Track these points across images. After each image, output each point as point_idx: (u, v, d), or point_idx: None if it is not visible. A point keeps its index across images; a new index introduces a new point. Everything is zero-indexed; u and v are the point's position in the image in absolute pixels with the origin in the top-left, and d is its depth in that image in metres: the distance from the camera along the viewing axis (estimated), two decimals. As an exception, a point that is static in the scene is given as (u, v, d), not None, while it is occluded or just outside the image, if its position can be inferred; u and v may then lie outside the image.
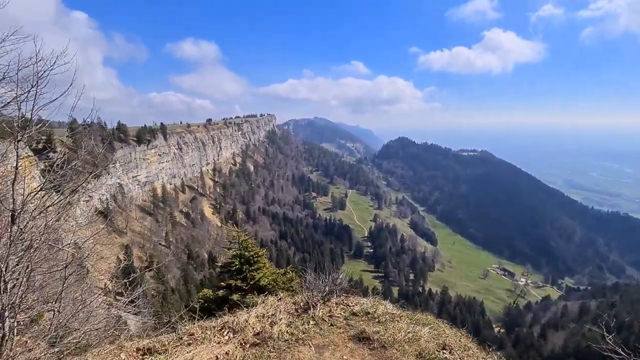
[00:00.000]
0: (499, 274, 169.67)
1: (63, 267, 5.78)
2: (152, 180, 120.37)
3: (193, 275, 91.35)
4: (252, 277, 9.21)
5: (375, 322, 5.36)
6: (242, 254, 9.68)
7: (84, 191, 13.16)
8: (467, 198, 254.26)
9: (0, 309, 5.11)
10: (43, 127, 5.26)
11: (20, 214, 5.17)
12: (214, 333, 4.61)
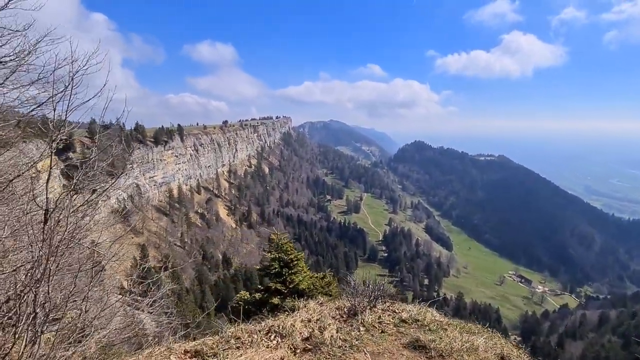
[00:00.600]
0: (516, 280, 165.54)
1: (90, 266, 5.79)
2: (168, 181, 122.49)
3: (207, 276, 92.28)
4: (292, 280, 9.13)
5: (426, 329, 5.17)
6: (281, 257, 9.62)
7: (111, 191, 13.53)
8: (483, 203, 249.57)
9: (33, 307, 5.16)
10: (76, 128, 5.29)
11: (53, 213, 5.22)
12: (261, 337, 4.51)
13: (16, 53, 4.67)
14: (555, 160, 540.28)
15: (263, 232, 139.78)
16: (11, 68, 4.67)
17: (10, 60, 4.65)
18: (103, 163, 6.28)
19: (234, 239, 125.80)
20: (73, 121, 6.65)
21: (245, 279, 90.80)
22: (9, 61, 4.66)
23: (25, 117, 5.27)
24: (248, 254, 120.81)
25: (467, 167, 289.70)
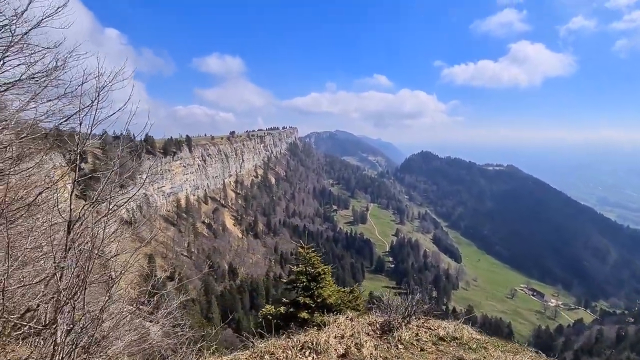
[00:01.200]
0: (528, 294, 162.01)
1: (105, 277, 5.86)
2: (176, 191, 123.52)
3: (213, 286, 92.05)
4: (319, 294, 9.06)
5: (466, 348, 5.04)
6: (308, 270, 9.57)
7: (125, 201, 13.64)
8: (492, 214, 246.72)
9: (53, 318, 5.21)
10: (100, 140, 5.42)
11: (75, 224, 5.32)
12: (295, 353, 4.44)
13: (47, 70, 4.84)
14: (564, 170, 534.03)
15: (269, 242, 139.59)
16: (42, 84, 4.85)
17: (41, 77, 4.83)
18: (125, 175, 6.40)
19: (240, 249, 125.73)
20: (95, 134, 6.83)
21: (251, 289, 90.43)
22: (41, 77, 4.84)
23: (51, 131, 5.42)
24: (254, 265, 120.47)
25: (475, 177, 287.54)
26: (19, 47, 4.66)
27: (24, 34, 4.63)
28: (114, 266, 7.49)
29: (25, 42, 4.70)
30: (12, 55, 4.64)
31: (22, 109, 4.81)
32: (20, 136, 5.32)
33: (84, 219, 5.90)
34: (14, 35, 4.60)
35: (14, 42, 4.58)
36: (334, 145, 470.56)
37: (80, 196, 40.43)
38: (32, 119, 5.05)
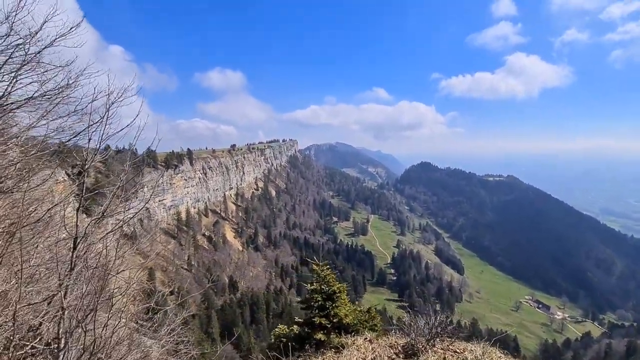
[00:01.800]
0: (532, 306, 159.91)
1: (110, 295, 5.79)
2: (177, 204, 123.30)
3: (214, 300, 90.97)
4: (335, 314, 8.80)
5: None
6: (323, 288, 9.35)
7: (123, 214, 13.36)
8: (493, 224, 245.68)
9: (58, 335, 5.13)
10: (106, 156, 5.44)
11: (80, 241, 5.29)
12: None
13: (59, 88, 4.90)
14: (565, 180, 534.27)
15: (270, 254, 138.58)
16: (53, 101, 4.89)
17: (53, 94, 4.89)
18: (130, 191, 6.40)
19: (240, 262, 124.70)
20: (102, 149, 6.85)
21: (251, 303, 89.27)
22: (53, 95, 4.89)
23: (58, 147, 5.44)
24: (254, 278, 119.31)
25: (475, 188, 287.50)
26: (32, 65, 4.73)
27: (37, 52, 4.71)
28: (117, 282, 7.41)
29: (38, 61, 4.77)
30: (25, 74, 4.71)
31: (32, 126, 4.86)
32: (29, 153, 5.34)
33: (89, 235, 5.89)
34: (28, 54, 4.67)
35: (27, 60, 4.65)
36: (333, 157, 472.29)
37: (83, 211, 40.22)
38: (43, 135, 5.09)
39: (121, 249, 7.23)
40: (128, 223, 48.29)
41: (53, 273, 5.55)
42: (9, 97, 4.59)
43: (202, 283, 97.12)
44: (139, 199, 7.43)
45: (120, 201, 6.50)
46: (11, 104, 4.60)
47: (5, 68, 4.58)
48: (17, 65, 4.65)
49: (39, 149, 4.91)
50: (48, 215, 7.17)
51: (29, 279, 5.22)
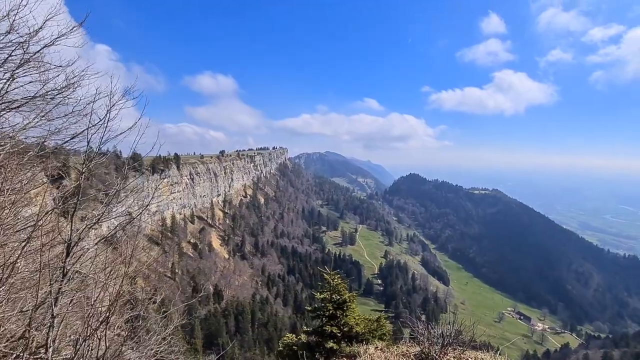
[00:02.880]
0: (514, 317, 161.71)
1: (108, 302, 5.58)
2: (162, 210, 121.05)
3: (197, 309, 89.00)
4: (346, 323, 8.67)
5: None
6: (333, 297, 9.23)
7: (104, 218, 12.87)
8: (479, 237, 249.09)
9: (46, 344, 4.91)
10: (104, 158, 5.31)
11: (75, 246, 5.10)
12: None
13: (59, 88, 4.78)
14: (547, 195, 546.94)
15: (256, 263, 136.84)
16: (52, 102, 4.76)
17: (53, 95, 4.76)
18: (126, 194, 6.24)
19: (226, 270, 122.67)
20: (83, 149, 6.68)
21: (236, 313, 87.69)
22: (52, 95, 4.76)
23: (57, 149, 5.29)
24: (240, 287, 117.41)
25: (461, 200, 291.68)
26: (33, 64, 4.61)
27: (38, 51, 4.59)
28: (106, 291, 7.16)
29: (39, 60, 4.65)
30: (23, 73, 4.57)
31: (29, 126, 4.70)
32: (22, 154, 5.17)
33: (82, 241, 5.69)
34: (27, 53, 4.55)
35: (27, 59, 4.53)
36: (323, 166, 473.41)
37: (64, 215, 39.12)
38: (40, 136, 4.94)
39: (105, 255, 7.01)
40: (106, 226, 46.67)
41: (43, 279, 5.31)
42: (6, 96, 4.45)
43: (186, 291, 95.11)
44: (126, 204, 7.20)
45: (112, 206, 6.33)
46: (9, 103, 4.47)
47: (4, 66, 4.46)
48: (16, 63, 4.52)
49: (36, 150, 4.74)
50: (36, 220, 6.94)
51: (17, 286, 4.99)
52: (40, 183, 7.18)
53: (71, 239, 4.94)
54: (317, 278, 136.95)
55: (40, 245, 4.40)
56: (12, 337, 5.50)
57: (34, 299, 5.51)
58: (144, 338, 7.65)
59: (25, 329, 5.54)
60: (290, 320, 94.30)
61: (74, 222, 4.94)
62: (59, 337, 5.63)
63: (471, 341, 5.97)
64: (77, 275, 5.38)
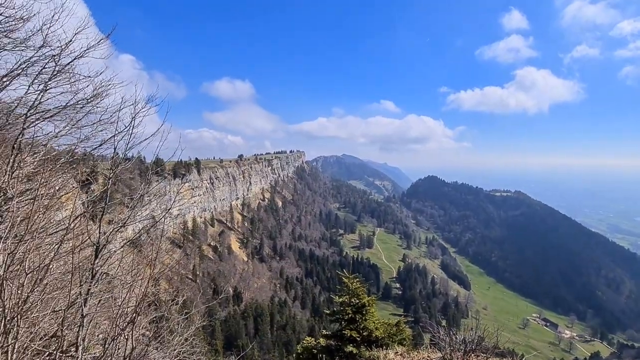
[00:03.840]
0: (540, 324, 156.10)
1: (134, 302, 5.77)
2: (183, 213, 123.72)
3: (218, 310, 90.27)
4: (365, 327, 8.68)
5: None
6: (352, 301, 9.26)
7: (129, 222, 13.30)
8: (501, 240, 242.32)
9: (77, 342, 5.12)
10: (130, 164, 5.51)
11: (102, 249, 5.32)
12: None
13: (87, 98, 5.02)
14: (573, 196, 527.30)
15: (275, 266, 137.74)
16: (81, 111, 5.01)
17: (83, 104, 5.00)
18: (151, 198, 6.45)
19: (245, 272, 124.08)
20: (110, 155, 6.92)
21: (255, 315, 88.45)
22: (82, 105, 5.00)
23: (86, 155, 5.53)
24: (259, 289, 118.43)
25: (482, 203, 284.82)
26: (64, 76, 4.86)
27: (69, 63, 4.84)
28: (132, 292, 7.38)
29: (69, 72, 4.90)
30: (55, 84, 4.83)
31: (60, 134, 4.96)
32: (54, 161, 5.42)
33: (109, 243, 5.92)
34: (58, 65, 4.81)
35: (59, 70, 4.78)
36: (340, 169, 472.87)
37: (92, 218, 40.64)
38: (70, 144, 5.19)
39: (131, 257, 7.23)
40: (132, 229, 48.24)
41: (73, 280, 5.55)
42: (39, 106, 4.72)
43: (207, 293, 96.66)
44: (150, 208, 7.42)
45: (137, 210, 6.55)
46: (43, 113, 4.73)
47: (38, 78, 4.72)
48: (49, 75, 4.78)
49: (67, 157, 4.98)
50: (67, 223, 7.25)
51: (50, 287, 5.24)
52: (71, 188, 7.53)
53: (99, 241, 5.16)
54: (335, 281, 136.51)
55: (72, 247, 4.63)
56: (45, 336, 5.76)
57: (65, 299, 5.76)
58: (167, 338, 7.87)
59: (57, 327, 5.80)
60: (309, 323, 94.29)
61: (101, 226, 5.16)
62: (88, 336, 5.86)
63: (495, 348, 5.79)
64: (105, 276, 5.60)
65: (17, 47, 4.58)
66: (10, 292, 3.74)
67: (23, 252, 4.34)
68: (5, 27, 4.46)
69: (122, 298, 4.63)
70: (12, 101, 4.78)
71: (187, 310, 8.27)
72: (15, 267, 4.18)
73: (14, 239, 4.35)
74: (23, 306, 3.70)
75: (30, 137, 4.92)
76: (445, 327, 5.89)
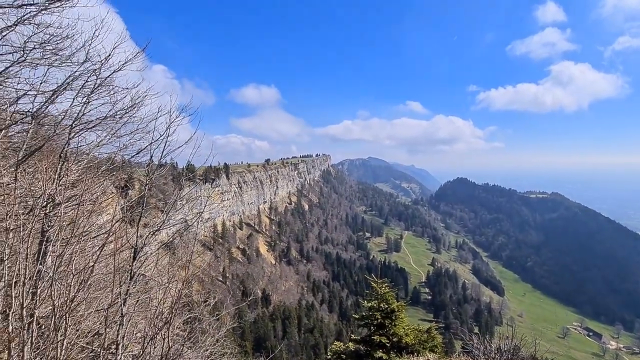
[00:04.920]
0: (582, 334, 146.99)
1: (169, 303, 6.01)
2: (213, 217, 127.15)
3: (247, 312, 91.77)
4: (395, 333, 8.63)
5: None
6: (382, 306, 9.24)
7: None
8: (537, 244, 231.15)
9: (116, 340, 5.40)
10: (164, 170, 5.75)
11: (140, 251, 5.60)
12: None
13: (125, 108, 5.34)
14: (616, 198, 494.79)
15: (302, 269, 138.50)
16: (120, 120, 5.32)
17: (122, 114, 5.32)
18: (184, 203, 6.73)
19: (273, 275, 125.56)
20: (146, 162, 7.24)
21: (283, 318, 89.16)
22: (121, 115, 5.32)
23: (124, 163, 5.85)
24: (286, 292, 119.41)
25: (516, 205, 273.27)
26: (104, 88, 5.19)
27: (108, 76, 5.18)
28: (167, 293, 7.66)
29: (109, 84, 5.24)
30: (96, 96, 5.18)
31: (101, 143, 5.29)
32: (96, 168, 5.75)
33: (146, 246, 6.21)
34: (99, 78, 5.14)
35: (99, 84, 5.12)
36: (366, 172, 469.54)
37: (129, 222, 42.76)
38: (110, 152, 5.53)
39: (167, 259, 7.52)
40: (165, 232, 49.39)
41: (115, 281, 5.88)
42: (83, 117, 5.07)
43: (236, 295, 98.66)
44: (182, 212, 7.75)
45: (170, 214, 6.83)
46: (86, 124, 5.08)
47: (82, 92, 5.07)
48: (91, 88, 5.12)
49: (107, 165, 5.30)
50: (109, 227, 7.68)
51: (93, 287, 5.56)
52: (110, 194, 7.99)
53: (137, 244, 5.43)
54: (363, 285, 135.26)
55: (114, 250, 4.93)
56: (88, 333, 6.11)
57: (106, 299, 6.11)
58: (199, 339, 8.12)
59: (99, 326, 6.15)
60: (336, 327, 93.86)
61: (139, 229, 5.43)
62: (127, 335, 6.16)
63: (533, 358, 5.53)
64: (142, 278, 5.87)
65: (64, 64, 4.96)
66: (59, 292, 4.01)
67: (70, 255, 4.64)
68: (54, 45, 4.84)
69: (158, 299, 4.82)
70: (59, 114, 5.17)
71: (218, 312, 8.51)
72: (62, 268, 4.48)
73: (61, 242, 4.66)
74: (70, 305, 3.95)
75: (75, 146, 5.29)
76: (478, 334, 5.69)
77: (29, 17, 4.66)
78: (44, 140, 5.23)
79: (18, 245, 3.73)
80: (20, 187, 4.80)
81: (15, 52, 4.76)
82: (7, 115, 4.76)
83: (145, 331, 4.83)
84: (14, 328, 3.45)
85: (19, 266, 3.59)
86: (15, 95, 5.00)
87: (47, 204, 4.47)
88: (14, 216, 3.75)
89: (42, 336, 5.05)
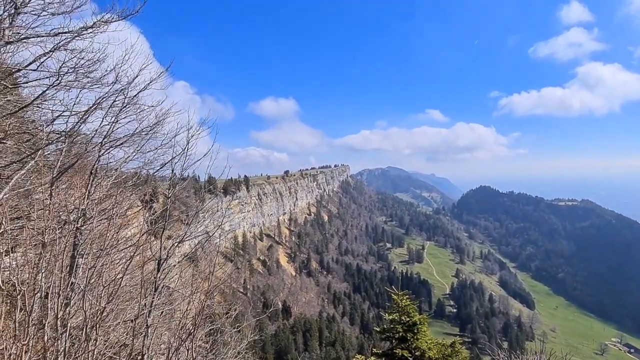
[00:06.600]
0: (622, 350, 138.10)
1: (193, 315, 6.13)
2: (234, 229, 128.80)
3: (267, 324, 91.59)
4: (417, 347, 8.50)
5: None
6: (403, 319, 9.15)
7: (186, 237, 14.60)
8: (569, 255, 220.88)
9: (142, 351, 5.54)
10: (186, 183, 5.94)
11: (164, 263, 5.77)
12: None
13: (151, 125, 5.61)
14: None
15: (322, 280, 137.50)
16: (145, 137, 5.59)
17: (147, 131, 5.60)
18: (205, 215, 6.90)
19: (293, 287, 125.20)
20: (168, 176, 7.49)
21: (304, 330, 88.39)
22: (147, 132, 5.59)
23: (149, 177, 6.09)
24: (307, 304, 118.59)
25: (543, 213, 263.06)
26: (132, 107, 5.48)
27: (135, 95, 5.47)
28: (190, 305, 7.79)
29: (136, 103, 5.53)
30: (124, 115, 5.48)
31: (129, 159, 5.56)
32: (123, 184, 6.01)
33: (170, 258, 6.38)
34: (126, 97, 5.44)
35: (126, 103, 5.41)
36: (385, 182, 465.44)
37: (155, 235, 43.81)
38: (137, 167, 5.79)
39: (190, 271, 7.66)
40: (199, 247, 49.59)
41: (138, 293, 6.08)
42: (111, 135, 5.36)
43: (257, 307, 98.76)
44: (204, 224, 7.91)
45: (192, 226, 7.02)
46: (115, 141, 5.37)
47: (111, 111, 5.38)
48: (119, 107, 5.42)
49: (133, 180, 5.54)
50: (136, 240, 7.95)
51: (121, 298, 5.75)
52: (136, 207, 8.31)
53: (161, 256, 5.61)
54: (384, 297, 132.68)
55: (141, 262, 5.12)
56: (116, 344, 6.30)
57: (132, 311, 6.29)
58: (221, 351, 8.19)
59: (126, 337, 6.33)
60: (358, 340, 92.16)
61: (162, 242, 5.61)
62: (152, 346, 6.30)
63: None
64: (166, 289, 6.03)
65: (95, 85, 5.30)
66: (90, 303, 4.18)
67: (100, 267, 4.84)
68: (86, 69, 5.19)
69: (182, 310, 4.94)
70: (90, 132, 5.50)
71: (239, 324, 8.57)
72: (93, 280, 4.67)
73: (92, 256, 4.88)
74: (100, 316, 4.11)
75: (104, 163, 5.58)
76: (507, 349, 5.49)
77: (64, 44, 5.03)
78: (77, 157, 5.55)
79: (53, 258, 3.94)
80: (54, 202, 5.08)
81: (51, 76, 5.13)
82: (44, 135, 5.12)
83: (169, 342, 4.94)
84: (49, 338, 3.62)
85: (54, 278, 3.79)
86: (51, 116, 5.36)
87: (79, 219, 4.71)
88: (50, 231, 3.98)
89: (73, 346, 5.24)
